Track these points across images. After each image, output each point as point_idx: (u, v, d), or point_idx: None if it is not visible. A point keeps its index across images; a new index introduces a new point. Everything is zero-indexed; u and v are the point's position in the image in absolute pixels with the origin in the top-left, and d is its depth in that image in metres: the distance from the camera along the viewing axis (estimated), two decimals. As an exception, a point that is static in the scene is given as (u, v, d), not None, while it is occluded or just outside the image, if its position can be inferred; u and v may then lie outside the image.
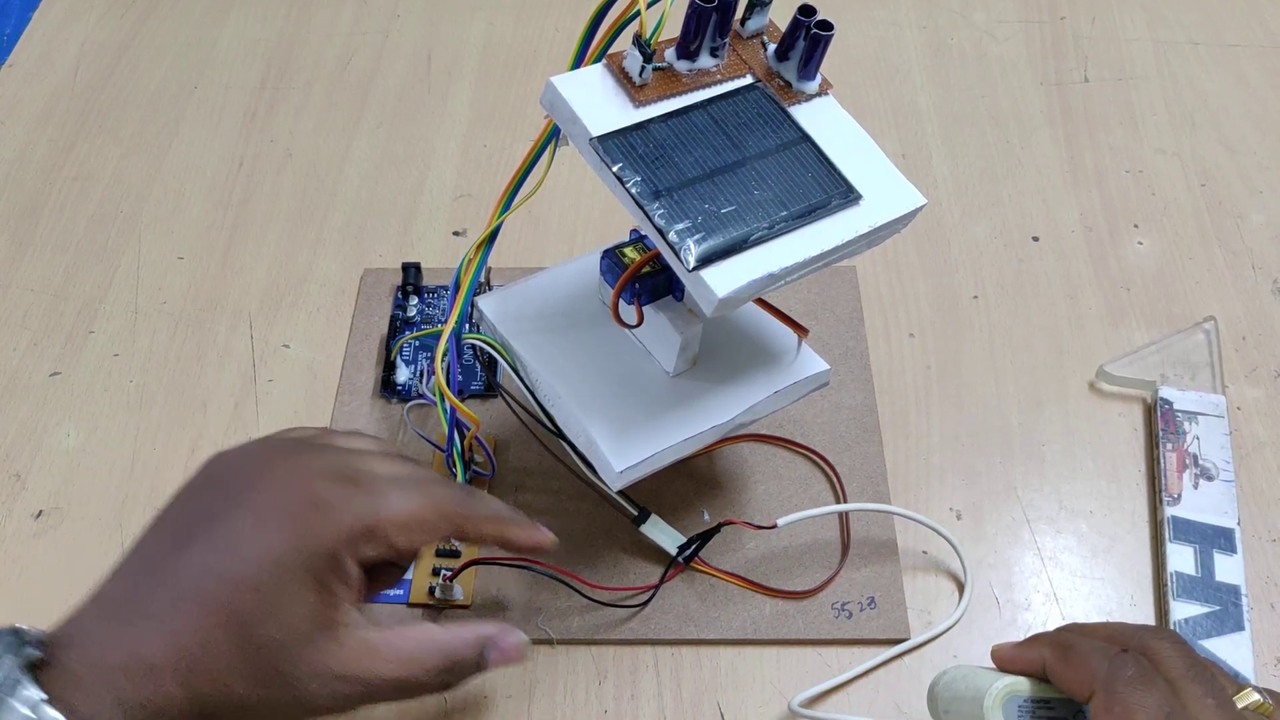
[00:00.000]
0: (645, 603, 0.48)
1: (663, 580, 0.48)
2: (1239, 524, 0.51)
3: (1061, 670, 0.37)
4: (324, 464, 0.37)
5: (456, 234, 0.64)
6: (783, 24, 0.42)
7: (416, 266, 0.60)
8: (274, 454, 0.38)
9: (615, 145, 0.39)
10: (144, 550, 0.36)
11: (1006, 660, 0.39)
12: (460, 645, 0.38)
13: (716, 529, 0.49)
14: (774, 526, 0.47)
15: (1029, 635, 0.40)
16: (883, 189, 0.42)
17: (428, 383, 0.55)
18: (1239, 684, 0.36)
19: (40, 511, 0.52)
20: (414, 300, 0.59)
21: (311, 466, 0.37)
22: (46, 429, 0.55)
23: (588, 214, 0.65)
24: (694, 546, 0.48)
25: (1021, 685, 0.38)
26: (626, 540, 0.50)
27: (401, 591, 0.48)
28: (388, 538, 0.36)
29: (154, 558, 0.35)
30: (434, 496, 0.38)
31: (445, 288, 0.60)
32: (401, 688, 0.37)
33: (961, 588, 0.50)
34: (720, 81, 0.42)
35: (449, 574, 0.48)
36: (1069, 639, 0.38)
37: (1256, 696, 0.35)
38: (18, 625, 0.32)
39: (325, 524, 0.35)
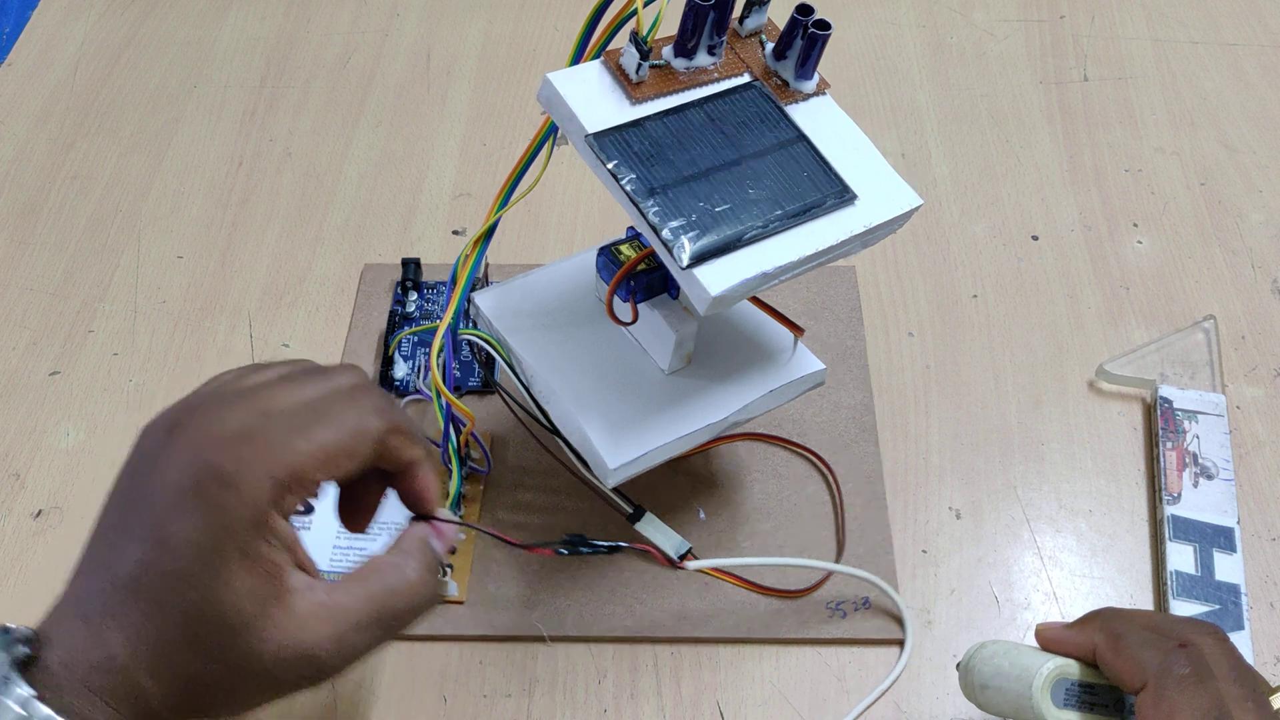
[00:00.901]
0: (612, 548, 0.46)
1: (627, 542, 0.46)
2: (1238, 523, 0.51)
3: (1113, 659, 0.37)
4: (222, 426, 0.34)
5: (456, 233, 0.64)
6: (781, 22, 0.42)
7: (416, 261, 0.60)
8: (180, 421, 0.35)
9: (611, 142, 0.39)
10: (98, 541, 0.34)
11: (1054, 642, 0.39)
12: (417, 552, 0.37)
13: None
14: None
15: (1079, 618, 0.40)
16: (879, 189, 0.41)
17: (425, 378, 0.55)
18: (1270, 685, 0.36)
19: (40, 511, 0.52)
20: (413, 296, 0.59)
21: (210, 432, 0.34)
22: (46, 428, 0.55)
23: (586, 211, 0.65)
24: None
25: (1071, 668, 0.37)
26: (622, 539, 0.50)
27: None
28: (309, 480, 0.34)
29: (103, 550, 0.34)
30: (346, 421, 0.35)
31: (445, 284, 0.60)
32: (384, 624, 0.35)
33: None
34: (717, 80, 0.42)
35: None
36: (1120, 627, 0.37)
37: None
38: (7, 625, 0.32)
39: (233, 496, 0.32)
